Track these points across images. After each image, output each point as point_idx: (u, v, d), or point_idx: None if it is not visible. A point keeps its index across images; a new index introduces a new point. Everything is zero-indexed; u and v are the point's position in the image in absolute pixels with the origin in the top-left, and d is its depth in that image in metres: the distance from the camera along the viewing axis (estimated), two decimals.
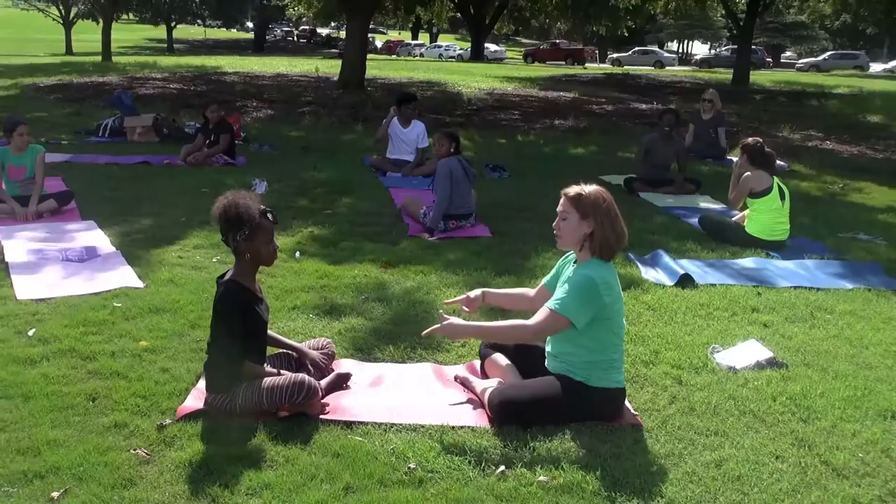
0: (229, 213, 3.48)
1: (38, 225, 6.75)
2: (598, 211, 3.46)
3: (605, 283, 3.44)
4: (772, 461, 3.30)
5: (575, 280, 3.47)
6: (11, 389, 3.69)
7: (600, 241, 3.47)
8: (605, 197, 3.51)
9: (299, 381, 3.50)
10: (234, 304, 3.51)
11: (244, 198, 3.53)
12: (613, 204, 3.52)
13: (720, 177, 9.94)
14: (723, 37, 70.16)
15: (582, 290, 3.42)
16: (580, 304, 3.41)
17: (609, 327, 3.51)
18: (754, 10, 27.82)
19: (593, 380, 3.52)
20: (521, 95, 20.95)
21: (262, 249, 3.56)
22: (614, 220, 3.48)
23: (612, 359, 3.57)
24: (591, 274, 3.44)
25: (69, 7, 47.61)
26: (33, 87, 18.30)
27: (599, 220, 3.45)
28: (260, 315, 3.64)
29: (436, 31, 70.18)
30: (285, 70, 26.14)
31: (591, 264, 3.50)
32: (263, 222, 3.53)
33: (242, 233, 3.49)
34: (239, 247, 3.53)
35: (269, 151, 10.97)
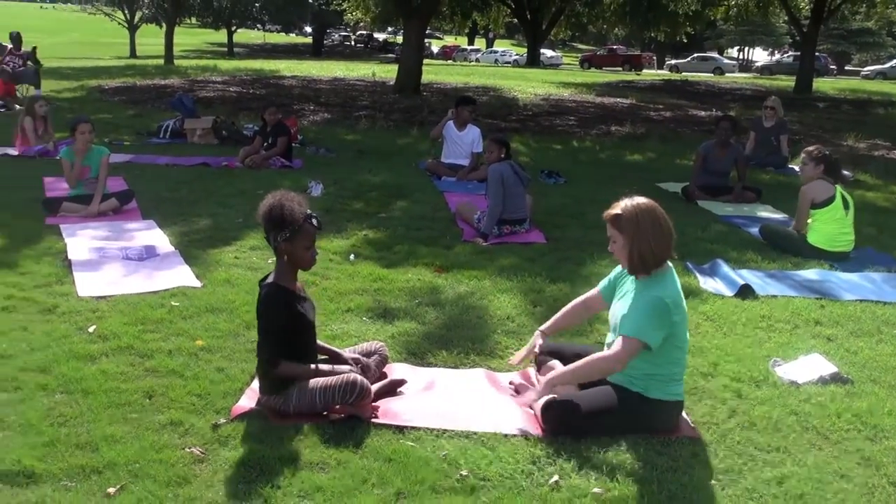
0: (273, 213, 3.50)
1: (100, 223, 6.89)
2: (633, 226, 3.42)
3: (674, 303, 3.41)
4: (836, 480, 3.19)
5: (645, 302, 3.41)
6: (72, 385, 3.76)
7: (637, 257, 3.42)
8: (645, 210, 3.45)
9: (351, 380, 3.51)
10: (275, 305, 3.53)
11: (291, 199, 3.54)
12: (656, 216, 3.45)
13: (781, 185, 9.73)
14: (785, 43, 68.78)
15: (654, 312, 3.38)
16: (654, 326, 3.37)
17: (673, 342, 3.44)
18: (819, 16, 27.19)
19: (651, 391, 3.46)
20: (578, 101, 20.80)
21: (301, 253, 3.58)
22: (654, 234, 3.41)
23: (673, 372, 3.50)
24: (661, 295, 3.39)
25: (134, 12, 48.75)
26: (98, 89, 18.76)
27: (633, 235, 3.41)
28: (304, 313, 3.65)
29: (492, 37, 70.19)
30: (342, 74, 26.39)
31: (654, 282, 3.45)
32: (306, 226, 3.54)
33: (284, 234, 3.51)
34: (279, 247, 3.56)
35: (325, 154, 11.05)
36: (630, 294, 3.55)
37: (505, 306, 5.12)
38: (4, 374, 3.85)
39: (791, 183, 9.11)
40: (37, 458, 3.11)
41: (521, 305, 5.13)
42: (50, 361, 4.00)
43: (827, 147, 7.41)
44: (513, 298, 5.27)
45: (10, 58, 16.71)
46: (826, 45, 57.32)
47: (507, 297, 5.28)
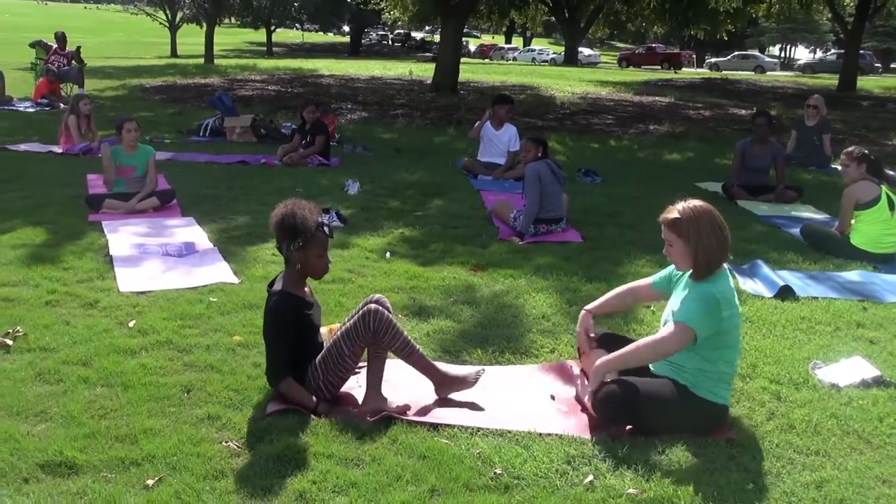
0: (286, 222, 3.51)
1: (141, 220, 6.99)
2: (695, 230, 3.39)
3: (725, 300, 3.39)
4: (878, 485, 3.13)
5: (698, 294, 3.41)
6: (112, 378, 3.82)
7: (702, 262, 3.42)
8: (705, 213, 3.43)
9: (366, 311, 3.56)
10: (286, 316, 3.54)
11: (302, 208, 3.54)
12: (714, 219, 3.43)
13: (824, 185, 9.58)
14: (828, 41, 67.64)
15: (703, 303, 3.37)
16: (705, 317, 3.36)
17: (724, 339, 3.43)
18: (864, 12, 26.69)
19: (700, 388, 3.44)
20: (615, 100, 20.67)
21: (313, 262, 3.59)
22: (715, 237, 3.40)
23: (723, 372, 3.47)
24: (713, 290, 3.39)
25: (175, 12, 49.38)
26: (139, 88, 19.05)
27: (694, 240, 3.39)
28: (311, 321, 3.69)
29: (529, 35, 69.95)
30: (379, 73, 26.51)
31: (710, 281, 3.43)
32: (318, 235, 3.55)
33: (296, 243, 3.52)
34: (291, 256, 3.56)
35: (362, 153, 11.10)
36: (683, 292, 3.54)
37: (540, 305, 5.10)
38: (47, 366, 3.92)
39: (833, 183, 8.96)
40: (78, 449, 3.17)
41: (557, 304, 5.11)
42: (91, 355, 4.07)
43: (872, 147, 7.28)
44: (548, 297, 5.25)
45: (55, 57, 17.06)
46: (871, 42, 56.21)
47: (542, 296, 5.26)
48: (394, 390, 3.75)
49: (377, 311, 3.57)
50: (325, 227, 3.59)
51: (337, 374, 3.61)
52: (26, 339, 4.25)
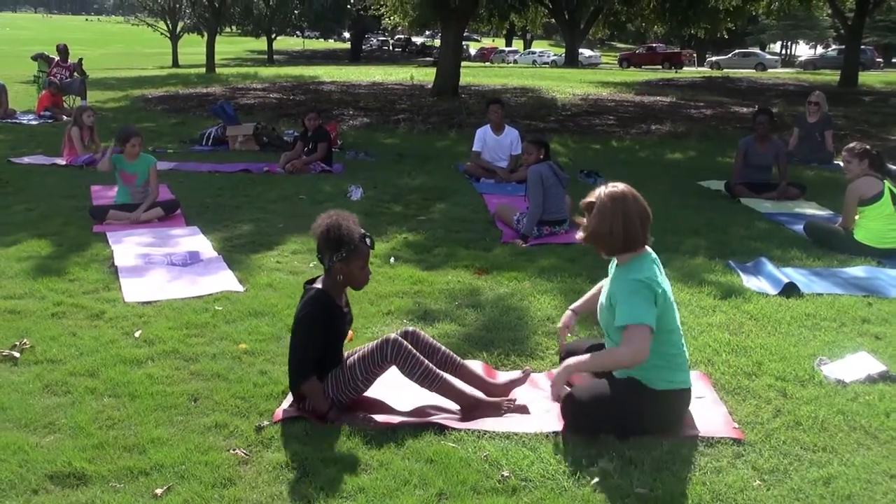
0: (331, 234, 3.52)
1: (145, 230, 7.02)
2: (601, 212, 3.43)
3: (649, 279, 3.37)
4: (886, 480, 3.12)
5: (626, 287, 3.38)
6: (119, 388, 3.84)
7: (598, 237, 3.46)
8: (614, 195, 3.44)
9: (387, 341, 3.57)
10: (318, 316, 3.53)
11: (347, 219, 3.56)
12: (623, 199, 3.43)
13: (826, 182, 9.57)
14: (829, 37, 67.56)
15: (636, 293, 3.34)
16: (645, 305, 3.32)
17: (662, 325, 3.39)
18: (864, 7, 26.67)
19: (655, 381, 3.42)
20: (617, 100, 20.67)
21: (357, 273, 3.60)
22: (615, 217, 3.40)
23: (673, 355, 3.45)
24: (637, 276, 3.37)
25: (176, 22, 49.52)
26: (142, 99, 19.10)
27: (598, 221, 3.43)
28: (341, 329, 3.70)
29: (530, 38, 70.00)
30: (381, 79, 26.55)
31: (629, 267, 3.44)
32: (361, 246, 3.57)
33: (340, 254, 3.53)
34: (334, 267, 3.57)
35: (364, 158, 11.13)
36: (608, 284, 3.56)
37: (545, 307, 5.11)
38: (54, 378, 3.94)
39: (836, 179, 8.96)
40: (86, 460, 3.18)
41: (562, 306, 5.10)
42: (98, 366, 4.09)
43: (874, 142, 7.28)
44: (553, 299, 5.26)
45: (57, 69, 17.14)
46: (872, 37, 56.10)
47: (547, 298, 5.27)
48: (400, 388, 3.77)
49: (395, 342, 3.58)
50: (368, 238, 3.61)
51: (346, 394, 3.62)
52: (33, 352, 4.27)
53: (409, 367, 3.57)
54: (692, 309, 5.08)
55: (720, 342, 4.52)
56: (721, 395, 3.86)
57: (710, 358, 4.31)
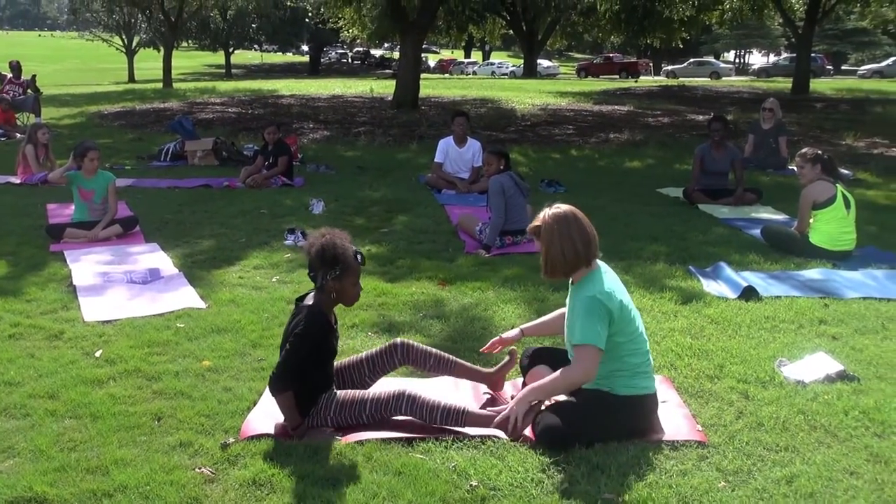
0: (326, 253, 3.52)
1: (104, 248, 6.92)
2: (548, 234, 3.48)
3: (604, 294, 3.42)
4: (846, 477, 3.19)
5: (580, 306, 3.44)
6: (80, 409, 3.77)
7: (549, 262, 3.50)
8: (560, 217, 3.49)
9: (403, 395, 3.57)
10: (312, 333, 3.52)
11: (341, 238, 3.58)
12: (569, 222, 3.48)
13: (781, 186, 9.74)
14: (781, 45, 68.92)
15: (590, 312, 3.39)
16: (597, 325, 3.38)
17: (624, 334, 3.45)
18: (813, 16, 27.26)
19: (618, 388, 3.47)
20: (575, 110, 20.86)
21: (349, 290, 3.61)
22: (563, 240, 3.45)
23: (635, 364, 3.50)
24: (589, 293, 3.43)
25: (132, 37, 49.04)
26: (98, 115, 18.86)
27: (547, 242, 3.48)
28: (333, 348, 3.70)
29: (488, 49, 70.41)
30: (340, 91, 26.49)
31: (583, 284, 3.50)
32: (354, 264, 3.58)
33: (333, 272, 3.53)
34: (326, 285, 3.57)
35: (325, 172, 11.10)
36: (569, 300, 3.60)
37: (509, 316, 5.13)
38: (13, 401, 3.86)
39: (791, 184, 9.11)
40: (48, 483, 3.12)
41: (526, 315, 5.15)
42: (58, 387, 4.02)
43: (826, 147, 7.44)
44: (517, 308, 5.29)
45: (9, 86, 16.85)
46: (822, 45, 57.43)
47: (511, 308, 5.30)
48: None
49: (410, 397, 3.57)
50: (359, 255, 3.63)
51: (347, 421, 3.59)
52: None
53: (428, 416, 3.56)
54: (654, 314, 5.14)
55: (682, 346, 4.58)
56: (684, 399, 3.91)
57: (672, 362, 4.36)
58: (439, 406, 3.57)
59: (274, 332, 4.80)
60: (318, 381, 3.65)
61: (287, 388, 3.49)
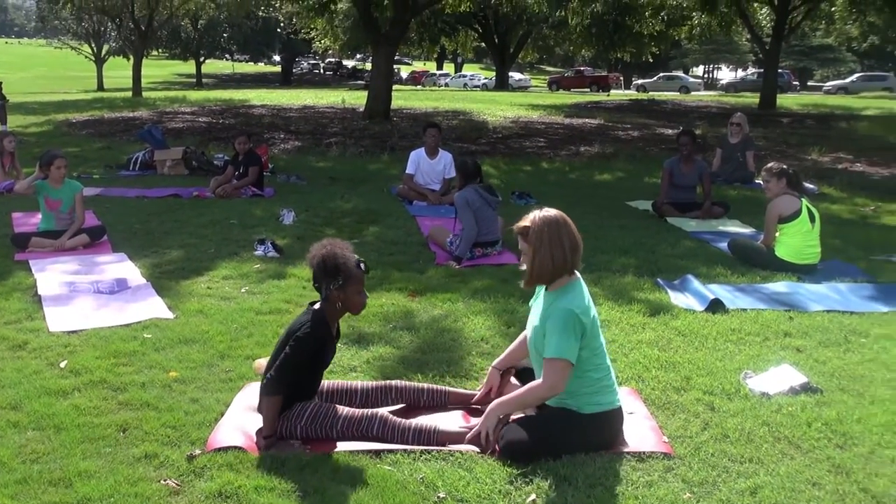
0: (328, 263, 3.54)
1: (70, 257, 6.84)
2: (537, 237, 3.46)
3: (581, 309, 3.43)
4: (808, 488, 3.23)
5: (556, 317, 3.42)
6: (44, 421, 3.72)
7: (536, 268, 3.48)
8: (551, 222, 3.48)
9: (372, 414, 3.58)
10: (313, 340, 3.52)
11: (343, 248, 3.59)
12: (560, 228, 3.48)
13: (748, 200, 9.87)
14: (748, 61, 69.98)
15: (566, 326, 3.39)
16: (570, 339, 3.38)
17: (589, 349, 3.47)
18: (780, 33, 27.73)
19: (584, 407, 3.49)
20: (547, 123, 21.00)
21: (354, 299, 3.63)
22: (554, 246, 3.44)
23: (598, 379, 3.51)
24: (570, 307, 3.42)
25: (101, 45, 48.60)
26: (66, 123, 18.66)
27: (536, 246, 3.46)
28: (327, 360, 3.72)
29: (460, 61, 70.71)
30: (312, 102, 26.45)
31: (562, 293, 3.49)
32: (357, 272, 3.59)
33: (336, 282, 3.54)
34: (331, 295, 3.58)
35: (296, 182, 11.07)
36: (540, 306, 3.59)
37: (479, 328, 5.15)
38: None
39: (757, 198, 9.24)
40: (9, 496, 3.07)
41: (496, 327, 5.16)
42: (21, 398, 3.96)
43: (791, 161, 7.55)
44: (487, 320, 5.30)
45: None
46: (788, 61, 58.38)
47: (481, 319, 5.31)
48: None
49: (382, 419, 3.57)
50: (362, 263, 3.64)
51: (317, 433, 3.58)
52: None
53: (399, 437, 3.55)
54: (622, 326, 5.18)
55: (650, 358, 4.62)
56: (651, 411, 3.94)
57: (640, 374, 4.40)
58: (410, 427, 3.58)
59: (242, 344, 4.78)
60: (302, 387, 3.65)
61: (279, 393, 3.50)
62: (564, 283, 3.51)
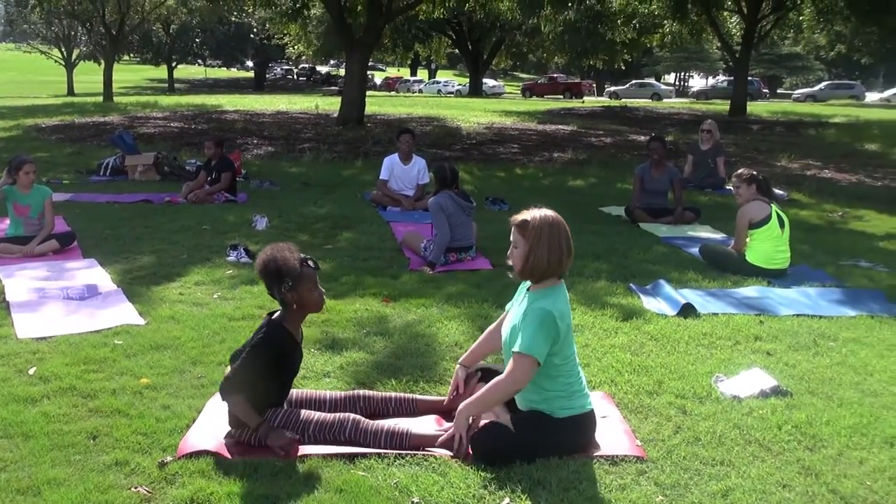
0: (269, 268, 3.53)
1: (39, 263, 6.76)
2: (536, 234, 3.48)
3: (559, 312, 3.44)
4: (779, 490, 3.27)
5: (532, 316, 3.44)
6: (12, 428, 3.67)
7: (530, 263, 3.49)
8: (551, 221, 3.51)
9: (344, 418, 3.58)
10: (270, 348, 3.52)
11: (282, 250, 3.58)
12: (559, 230, 3.50)
13: (719, 206, 9.98)
14: (719, 69, 70.75)
15: (541, 326, 3.40)
16: (541, 338, 3.40)
17: (561, 355, 3.49)
18: (749, 41, 28.09)
19: (557, 411, 3.50)
20: (520, 129, 21.08)
21: (308, 297, 3.61)
22: (551, 246, 3.47)
23: (570, 384, 3.53)
24: (546, 307, 3.43)
25: (71, 49, 48.09)
26: (35, 128, 18.42)
27: (533, 245, 3.48)
28: (292, 363, 3.69)
29: (434, 68, 70.86)
30: (285, 107, 26.33)
31: (545, 294, 3.51)
32: (305, 271, 3.58)
33: (286, 284, 3.53)
34: (285, 298, 3.57)
35: (269, 188, 11.01)
36: (522, 305, 3.60)
37: (453, 333, 5.15)
38: None
39: (728, 203, 9.35)
40: None
41: (469, 332, 5.17)
42: None
43: (761, 168, 7.64)
44: (460, 325, 5.31)
45: None
46: (758, 69, 59.09)
47: (454, 324, 5.31)
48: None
49: (356, 422, 3.58)
50: (310, 260, 3.62)
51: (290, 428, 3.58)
52: None
53: (372, 440, 3.55)
54: (595, 331, 5.21)
55: (622, 362, 4.65)
56: (624, 414, 3.96)
57: (612, 378, 4.42)
58: (382, 429, 3.57)
59: (214, 350, 4.74)
60: (272, 393, 3.64)
61: (236, 392, 3.47)
62: (550, 286, 3.53)
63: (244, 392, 3.49)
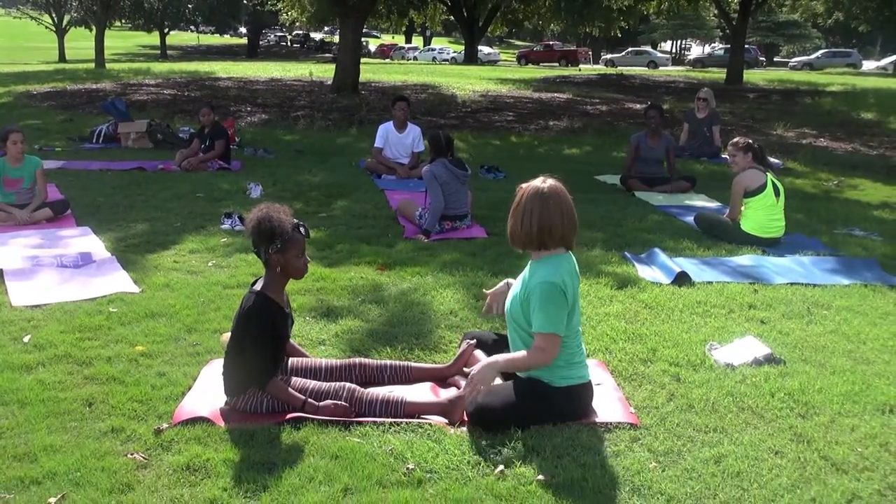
0: (262, 226, 3.50)
1: (33, 231, 6.73)
2: (518, 201, 3.53)
3: (565, 283, 3.45)
4: (771, 457, 3.30)
5: (540, 292, 3.44)
6: (7, 396, 3.68)
7: (510, 232, 3.55)
8: (543, 192, 3.51)
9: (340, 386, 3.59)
10: (260, 318, 3.51)
11: (278, 211, 3.55)
12: (550, 199, 3.50)
13: (715, 175, 9.97)
14: (716, 36, 70.31)
15: (551, 301, 3.42)
16: (558, 313, 3.42)
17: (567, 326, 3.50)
18: (746, 9, 27.89)
19: (556, 380, 3.52)
20: (515, 97, 20.96)
21: (293, 262, 3.59)
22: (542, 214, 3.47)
23: (570, 353, 3.55)
24: (551, 279, 3.43)
25: (62, 15, 47.55)
26: (26, 95, 18.26)
27: (513, 212, 3.53)
28: (283, 329, 3.67)
29: (429, 35, 70.24)
30: (279, 75, 26.12)
31: (544, 263, 3.51)
32: (295, 236, 3.56)
33: (274, 245, 3.51)
34: (270, 259, 3.55)
35: (263, 156, 10.96)
36: (524, 275, 3.62)
37: (448, 301, 5.15)
38: None
39: (723, 172, 9.34)
40: None
41: (464, 300, 5.18)
42: None
43: (758, 136, 7.63)
44: (455, 293, 5.31)
45: None
46: (755, 37, 58.75)
47: (449, 292, 5.32)
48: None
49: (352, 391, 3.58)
50: (302, 226, 3.61)
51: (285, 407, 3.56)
52: None
53: (367, 409, 3.56)
54: (590, 300, 5.22)
55: (617, 331, 4.67)
56: (618, 382, 3.98)
57: (607, 346, 4.44)
58: (378, 398, 3.59)
59: (209, 317, 4.75)
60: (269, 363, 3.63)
61: (270, 379, 3.51)
62: (551, 255, 3.52)
63: (275, 373, 3.53)
